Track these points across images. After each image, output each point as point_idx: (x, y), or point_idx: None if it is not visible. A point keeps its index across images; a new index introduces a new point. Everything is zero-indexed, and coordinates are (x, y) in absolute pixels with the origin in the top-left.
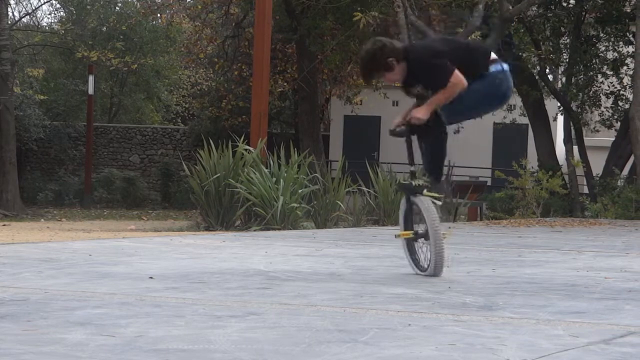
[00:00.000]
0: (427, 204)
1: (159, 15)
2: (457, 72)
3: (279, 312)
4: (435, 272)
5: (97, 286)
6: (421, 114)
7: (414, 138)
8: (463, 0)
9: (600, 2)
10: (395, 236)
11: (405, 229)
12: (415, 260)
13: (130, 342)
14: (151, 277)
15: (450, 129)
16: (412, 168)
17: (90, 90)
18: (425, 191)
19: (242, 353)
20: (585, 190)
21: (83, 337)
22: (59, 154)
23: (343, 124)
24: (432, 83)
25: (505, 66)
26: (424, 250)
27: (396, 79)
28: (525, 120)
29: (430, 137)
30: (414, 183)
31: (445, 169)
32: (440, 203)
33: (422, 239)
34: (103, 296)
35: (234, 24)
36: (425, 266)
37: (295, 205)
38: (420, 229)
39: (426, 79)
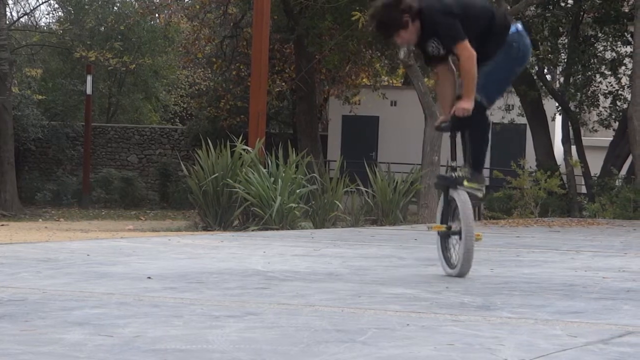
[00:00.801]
0: (464, 198)
1: (157, 15)
2: (465, 43)
3: (277, 312)
4: (462, 271)
5: (95, 286)
6: (466, 104)
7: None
8: None
9: (598, 2)
10: (428, 228)
11: (441, 223)
12: (446, 258)
13: (128, 342)
14: (149, 277)
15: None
16: (453, 163)
17: (89, 90)
18: (465, 182)
19: (241, 353)
20: (584, 190)
21: (81, 337)
22: (57, 154)
23: (341, 123)
24: (443, 41)
25: (519, 26)
26: (457, 248)
27: (409, 38)
28: (523, 120)
29: (475, 127)
30: (454, 175)
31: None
32: (481, 195)
33: (457, 237)
34: (101, 296)
35: (232, 24)
36: (454, 263)
37: (293, 205)
38: (454, 225)
39: (435, 35)
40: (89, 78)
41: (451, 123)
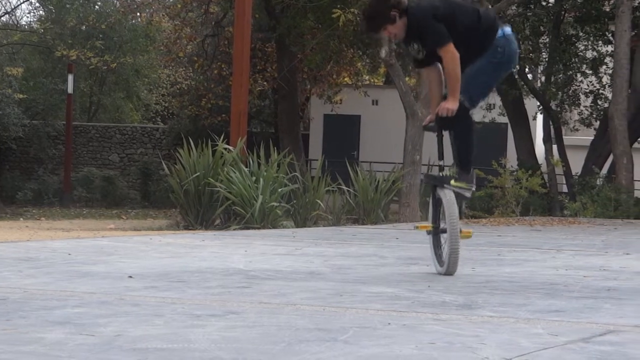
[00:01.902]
0: (450, 197)
1: (138, 14)
2: (450, 46)
3: (258, 311)
4: (449, 269)
5: (77, 285)
6: (450, 104)
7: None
8: None
9: (579, 1)
10: (414, 227)
11: (432, 222)
12: (438, 256)
13: (109, 341)
14: (130, 277)
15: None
16: (441, 162)
17: (70, 89)
18: (452, 181)
19: (222, 352)
20: (565, 189)
21: (62, 336)
22: (38, 153)
23: (323, 122)
24: (425, 43)
25: (507, 30)
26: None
27: (397, 33)
28: (504, 119)
29: (459, 127)
30: (441, 174)
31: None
32: (469, 195)
33: (445, 235)
34: (82, 295)
35: (213, 23)
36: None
37: (274, 204)
38: (442, 223)
39: (422, 37)
40: (70, 77)
41: (435, 122)
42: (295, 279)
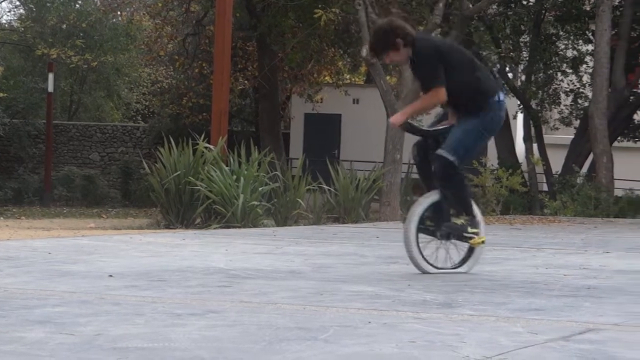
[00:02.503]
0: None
1: (119, 12)
2: (442, 89)
3: (239, 310)
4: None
5: (57, 284)
6: (395, 119)
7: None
8: None
9: (560, 0)
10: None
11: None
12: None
13: (89, 340)
14: (111, 276)
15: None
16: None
17: (50, 88)
18: (469, 228)
19: (202, 351)
20: (545, 187)
21: (43, 335)
22: (18, 152)
23: (304, 121)
24: (422, 80)
25: (502, 96)
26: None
27: (399, 60)
28: None
29: (453, 185)
30: (457, 222)
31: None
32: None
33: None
34: (63, 294)
35: (194, 22)
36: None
37: (255, 203)
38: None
39: (417, 71)
40: (51, 76)
41: (421, 135)
42: (275, 278)
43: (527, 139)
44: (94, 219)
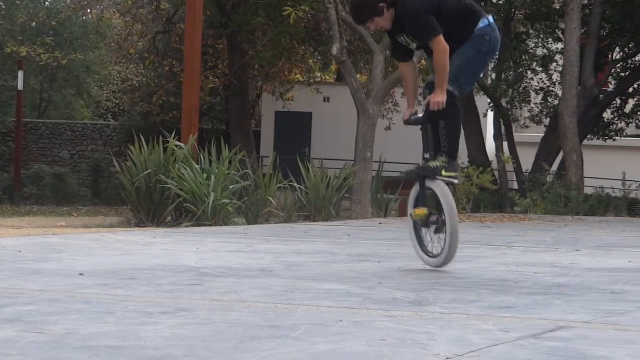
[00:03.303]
0: (445, 190)
1: (89, 10)
2: (440, 38)
3: (210, 308)
4: (446, 260)
5: (27, 283)
6: (440, 97)
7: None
8: None
9: None
10: (410, 215)
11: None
12: (423, 247)
13: (60, 339)
14: (81, 274)
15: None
16: (427, 155)
17: (20, 86)
18: (443, 172)
19: (173, 349)
20: (515, 186)
21: (13, 334)
22: None
23: (274, 119)
24: (416, 36)
25: (491, 18)
26: (433, 237)
27: (384, 25)
28: None
29: (449, 116)
30: (432, 165)
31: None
32: (457, 182)
33: (435, 226)
34: (33, 293)
35: (164, 20)
36: (435, 253)
37: (226, 201)
38: (434, 213)
39: (411, 30)
40: (20, 74)
41: (425, 116)
42: (246, 276)
43: (497, 137)
44: (65, 217)
